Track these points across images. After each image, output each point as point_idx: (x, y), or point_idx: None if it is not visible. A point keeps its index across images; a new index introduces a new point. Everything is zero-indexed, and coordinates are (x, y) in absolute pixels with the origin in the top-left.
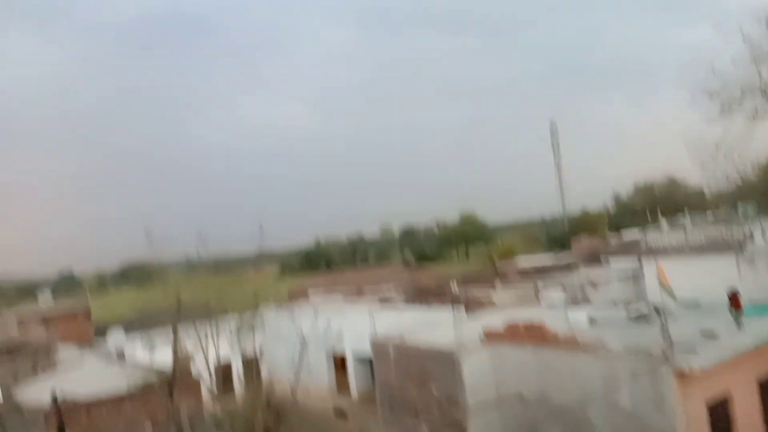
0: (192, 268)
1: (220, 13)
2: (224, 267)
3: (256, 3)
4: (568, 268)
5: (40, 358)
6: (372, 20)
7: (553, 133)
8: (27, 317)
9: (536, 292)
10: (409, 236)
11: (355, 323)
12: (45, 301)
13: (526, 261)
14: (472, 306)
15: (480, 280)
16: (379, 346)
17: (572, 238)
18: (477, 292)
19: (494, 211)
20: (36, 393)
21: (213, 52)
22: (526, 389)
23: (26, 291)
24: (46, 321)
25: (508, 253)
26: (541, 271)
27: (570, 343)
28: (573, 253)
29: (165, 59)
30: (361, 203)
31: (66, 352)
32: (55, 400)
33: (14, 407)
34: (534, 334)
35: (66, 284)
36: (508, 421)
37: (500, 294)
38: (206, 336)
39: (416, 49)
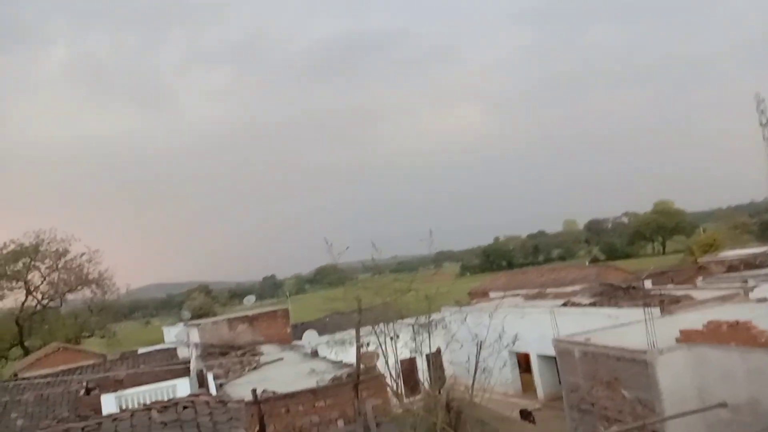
0: (374, 270)
1: (395, 28)
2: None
3: (427, 14)
4: None
5: (246, 357)
6: (547, 18)
7: (760, 107)
8: (235, 319)
9: (744, 288)
10: (595, 230)
11: (537, 324)
12: (250, 303)
13: (732, 253)
14: (668, 305)
15: (678, 276)
16: (563, 347)
17: None
18: (674, 289)
19: (693, 199)
20: (242, 388)
21: (392, 66)
22: (733, 396)
23: (236, 295)
24: (251, 322)
25: (711, 245)
26: (750, 265)
27: None
28: None
29: (347, 78)
30: (545, 201)
31: (268, 350)
32: (255, 393)
33: (222, 401)
34: (741, 334)
35: (269, 288)
36: (713, 430)
37: (701, 291)
38: (388, 336)
39: (594, 39)
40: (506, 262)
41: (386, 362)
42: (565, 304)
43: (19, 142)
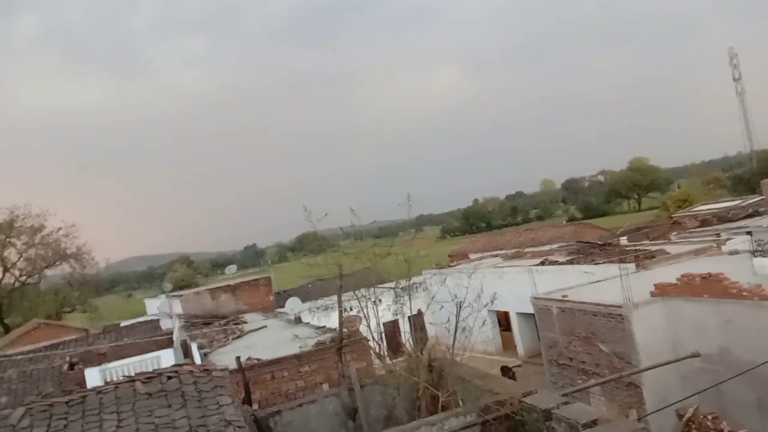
0: (354, 236)
1: None
2: (387, 233)
3: None
4: (758, 213)
5: (230, 325)
6: None
7: (733, 62)
8: (218, 288)
9: (717, 241)
10: (572, 190)
11: (516, 283)
12: (232, 272)
13: (705, 207)
14: (643, 260)
15: (653, 232)
16: (541, 305)
17: (761, 180)
18: (649, 245)
19: (669, 155)
20: (227, 357)
21: (370, 29)
22: (706, 347)
23: (217, 265)
24: (234, 291)
25: (685, 200)
26: (723, 219)
27: (757, 295)
28: (763, 196)
29: (324, 42)
30: (523, 163)
31: (251, 319)
32: (239, 361)
33: (206, 369)
34: (713, 287)
35: (251, 257)
36: (687, 380)
37: (675, 246)
38: (369, 300)
39: None
40: (485, 224)
41: (368, 326)
42: (542, 263)
43: None
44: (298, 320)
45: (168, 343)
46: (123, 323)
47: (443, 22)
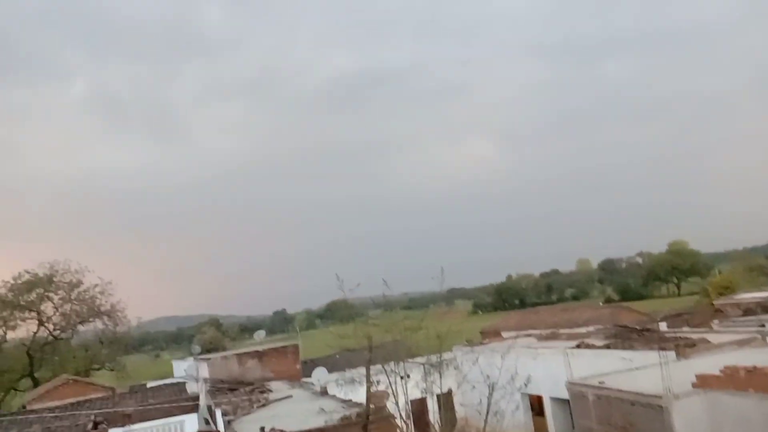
0: (384, 306)
1: (407, 62)
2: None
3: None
4: None
5: (255, 393)
6: (560, 52)
7: None
8: (245, 354)
9: (762, 332)
10: (609, 270)
11: (550, 365)
12: (261, 338)
13: (748, 295)
14: (683, 348)
15: (693, 318)
16: (576, 390)
17: None
18: (689, 332)
19: (708, 239)
20: (251, 426)
21: (404, 100)
22: None
23: (246, 329)
24: (261, 357)
25: (727, 287)
26: (767, 308)
27: None
28: None
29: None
30: (558, 239)
31: (277, 387)
32: (263, 431)
33: None
34: (759, 380)
35: (280, 322)
36: None
37: (717, 334)
38: (398, 375)
39: (607, 74)
40: (519, 301)
41: (396, 402)
42: (578, 346)
43: (37, 173)
44: (323, 392)
45: (193, 408)
46: (149, 384)
47: (477, 97)
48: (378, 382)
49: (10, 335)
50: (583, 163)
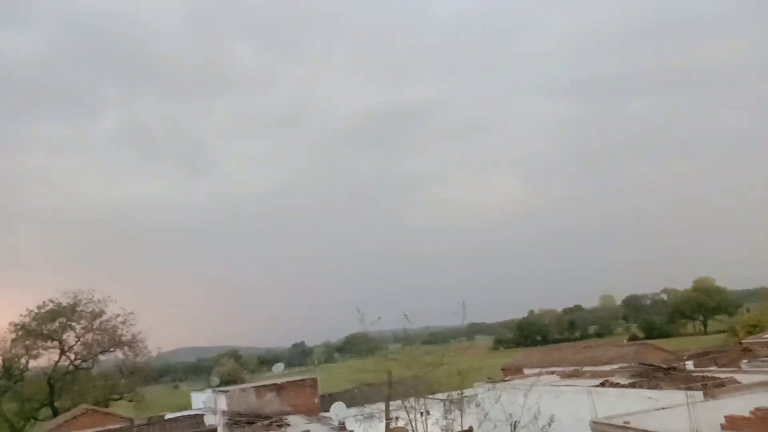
0: (405, 340)
1: (434, 98)
2: (437, 339)
3: (466, 86)
4: None
5: (272, 427)
6: (585, 90)
7: None
8: (263, 387)
9: None
10: (634, 307)
11: (573, 404)
12: (279, 370)
13: None
14: (711, 388)
15: (721, 357)
16: (600, 430)
17: None
18: (717, 372)
19: (735, 276)
20: None
21: (430, 136)
22: None
23: (265, 361)
24: (279, 390)
25: (756, 325)
26: None
27: None
28: None
29: (382, 145)
30: (581, 275)
31: (295, 421)
32: None
33: None
34: None
35: (298, 355)
36: None
37: (746, 374)
38: (418, 412)
39: (633, 112)
40: (541, 337)
41: None
42: (602, 384)
43: (70, 203)
44: (342, 427)
45: None
46: (168, 415)
47: (500, 134)
48: (397, 419)
49: (32, 364)
50: (608, 201)
